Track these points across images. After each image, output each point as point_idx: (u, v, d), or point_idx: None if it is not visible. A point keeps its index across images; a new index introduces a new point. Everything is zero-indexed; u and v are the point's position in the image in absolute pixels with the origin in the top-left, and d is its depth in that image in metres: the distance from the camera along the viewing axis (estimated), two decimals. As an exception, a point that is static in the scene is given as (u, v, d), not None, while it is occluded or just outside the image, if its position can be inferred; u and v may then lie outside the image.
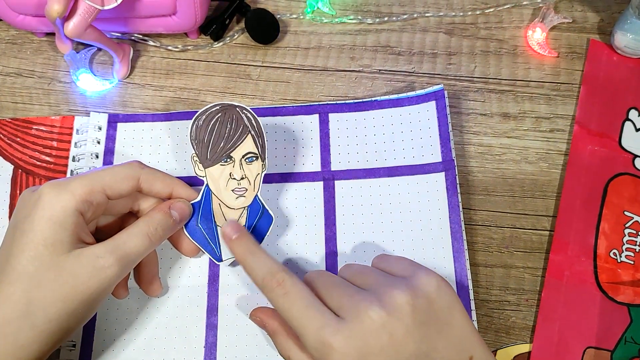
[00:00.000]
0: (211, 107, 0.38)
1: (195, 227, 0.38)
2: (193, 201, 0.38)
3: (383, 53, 0.48)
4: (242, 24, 0.49)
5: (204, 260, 0.41)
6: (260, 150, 0.38)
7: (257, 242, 0.36)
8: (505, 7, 0.50)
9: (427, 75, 0.47)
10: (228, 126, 0.38)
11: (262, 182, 0.38)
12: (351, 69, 0.48)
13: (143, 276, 0.38)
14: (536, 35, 0.48)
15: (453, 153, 0.42)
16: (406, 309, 0.30)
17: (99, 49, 0.48)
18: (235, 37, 0.49)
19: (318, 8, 0.50)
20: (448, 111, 0.43)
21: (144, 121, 0.45)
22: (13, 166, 0.44)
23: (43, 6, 0.38)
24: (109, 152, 0.44)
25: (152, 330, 0.39)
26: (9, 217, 0.43)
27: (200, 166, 0.38)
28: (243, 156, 0.38)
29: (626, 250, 0.42)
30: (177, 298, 0.40)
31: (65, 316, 0.31)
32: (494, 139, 0.45)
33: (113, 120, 0.45)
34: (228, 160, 0.38)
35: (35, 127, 0.45)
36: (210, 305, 0.40)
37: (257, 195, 0.38)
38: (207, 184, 0.38)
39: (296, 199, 0.42)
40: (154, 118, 0.45)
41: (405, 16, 0.49)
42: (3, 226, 0.42)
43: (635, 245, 0.42)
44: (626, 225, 0.42)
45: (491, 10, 0.49)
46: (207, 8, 0.47)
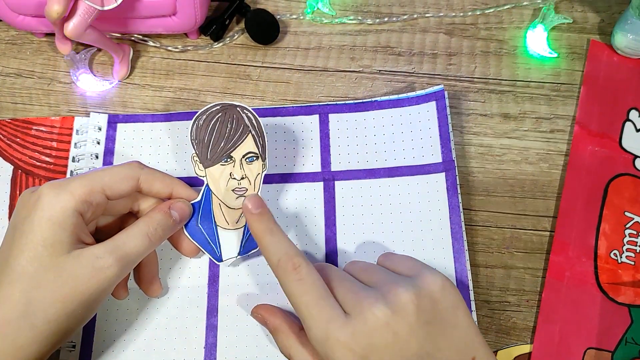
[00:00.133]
0: (212, 107, 0.38)
1: (195, 227, 0.38)
2: (193, 201, 0.38)
3: (383, 53, 0.48)
4: (242, 25, 0.49)
5: (204, 260, 0.41)
6: (260, 150, 0.38)
7: (277, 222, 0.35)
8: (505, 8, 0.50)
9: (427, 75, 0.47)
10: (228, 126, 0.38)
11: (262, 183, 0.38)
12: (351, 70, 0.48)
13: (143, 277, 0.38)
14: (536, 35, 0.48)
15: (453, 153, 0.42)
16: (411, 308, 0.30)
17: (99, 50, 0.48)
18: (235, 38, 0.49)
19: (318, 8, 0.50)
20: (448, 112, 0.43)
21: (144, 121, 0.45)
22: (13, 167, 0.44)
23: (43, 6, 0.38)
24: (109, 153, 0.44)
25: (152, 330, 0.39)
26: (9, 218, 0.43)
27: (200, 166, 0.38)
28: (243, 156, 0.38)
29: (627, 250, 0.42)
30: (177, 298, 0.40)
31: (64, 317, 0.31)
32: (494, 140, 0.45)
33: (113, 120, 0.45)
34: (228, 160, 0.38)
35: (35, 128, 0.45)
36: (210, 305, 0.40)
37: (258, 195, 0.38)
38: (207, 184, 0.38)
39: (296, 200, 0.42)
40: (154, 118, 0.45)
41: (405, 16, 0.49)
42: (3, 227, 0.42)
43: (635, 245, 0.42)
44: (627, 225, 0.42)
45: (491, 10, 0.49)
46: (207, 8, 0.47)
